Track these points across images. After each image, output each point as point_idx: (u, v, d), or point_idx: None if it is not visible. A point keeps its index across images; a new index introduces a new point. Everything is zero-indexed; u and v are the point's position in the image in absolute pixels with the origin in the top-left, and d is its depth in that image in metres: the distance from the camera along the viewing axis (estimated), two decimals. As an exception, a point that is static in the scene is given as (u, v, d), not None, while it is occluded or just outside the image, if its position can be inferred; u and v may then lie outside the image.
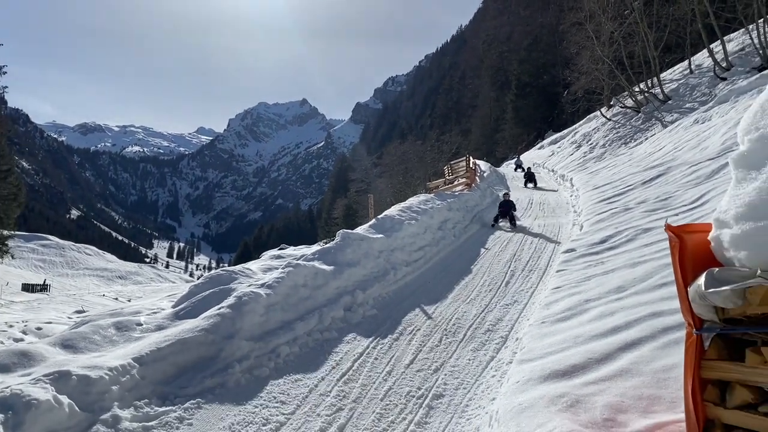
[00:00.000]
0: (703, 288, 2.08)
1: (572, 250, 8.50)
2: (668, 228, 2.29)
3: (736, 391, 2.14)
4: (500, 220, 15.22)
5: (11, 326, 16.42)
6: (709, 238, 2.25)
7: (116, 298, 37.05)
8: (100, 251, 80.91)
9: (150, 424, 4.82)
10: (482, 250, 11.93)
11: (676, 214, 8.46)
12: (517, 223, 14.68)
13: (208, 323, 6.37)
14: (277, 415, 5.06)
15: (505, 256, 11.22)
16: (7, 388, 4.53)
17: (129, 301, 31.69)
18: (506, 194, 16.37)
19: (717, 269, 2.11)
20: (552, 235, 12.88)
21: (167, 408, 5.06)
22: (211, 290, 7.67)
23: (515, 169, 33.27)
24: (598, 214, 11.12)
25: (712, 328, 2.22)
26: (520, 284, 9.13)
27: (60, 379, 4.82)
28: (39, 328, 15.83)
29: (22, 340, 14.03)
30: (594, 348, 4.07)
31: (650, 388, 3.21)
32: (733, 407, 2.16)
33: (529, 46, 60.36)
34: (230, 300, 6.93)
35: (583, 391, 3.36)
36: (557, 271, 7.63)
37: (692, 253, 2.27)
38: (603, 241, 8.39)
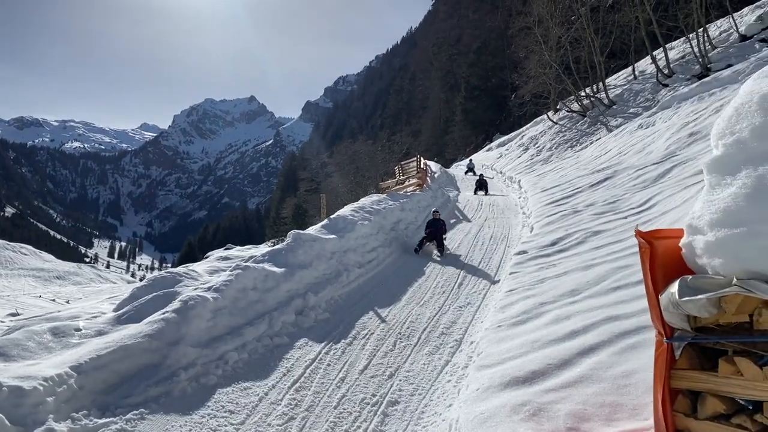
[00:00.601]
0: (677, 296, 2.02)
1: (524, 252, 8.53)
2: (638, 234, 2.23)
3: (708, 401, 2.09)
4: (426, 243, 11.98)
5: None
6: (680, 244, 2.19)
7: (54, 300, 35.48)
8: (37, 250, 77.41)
9: (88, 437, 4.51)
10: (435, 251, 11.90)
11: (625, 217, 8.62)
12: (447, 250, 11.78)
13: (152, 329, 6.05)
14: (225, 426, 4.83)
15: (457, 256, 11.25)
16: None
17: (68, 302, 30.32)
18: (435, 211, 13.10)
19: (691, 277, 2.05)
20: (502, 237, 13.00)
21: (108, 419, 4.74)
22: (154, 293, 7.31)
23: (466, 173, 31.58)
24: (547, 216, 11.25)
25: (683, 337, 2.17)
26: (473, 286, 9.14)
27: (-13, 392, 4.45)
28: (-34, 334, 14.83)
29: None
30: (553, 353, 4.02)
31: (611, 395, 3.16)
32: (704, 418, 2.11)
33: (479, 49, 61.38)
34: (175, 304, 6.60)
35: (545, 399, 3.30)
36: (510, 273, 7.64)
37: (663, 260, 2.21)
38: (554, 243, 8.46)
